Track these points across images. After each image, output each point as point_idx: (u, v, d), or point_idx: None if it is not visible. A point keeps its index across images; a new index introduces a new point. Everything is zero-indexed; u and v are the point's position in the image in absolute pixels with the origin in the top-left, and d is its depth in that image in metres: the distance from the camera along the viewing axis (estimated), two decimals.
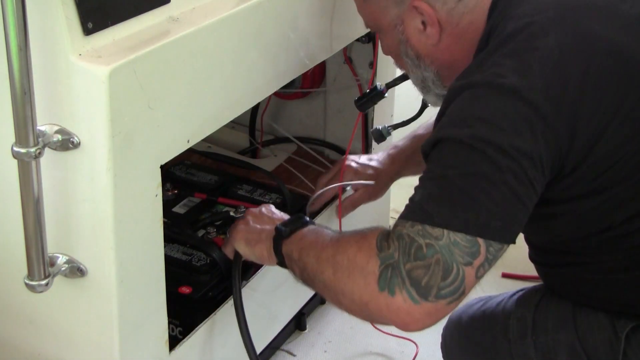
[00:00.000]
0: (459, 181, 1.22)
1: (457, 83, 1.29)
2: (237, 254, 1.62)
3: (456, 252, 1.21)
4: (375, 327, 2.05)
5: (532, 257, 1.53)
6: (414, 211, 1.25)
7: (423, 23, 1.40)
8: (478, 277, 1.25)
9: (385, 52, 1.56)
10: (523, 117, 1.22)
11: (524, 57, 1.25)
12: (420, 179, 1.27)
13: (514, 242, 1.26)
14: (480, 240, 1.22)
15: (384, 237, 1.27)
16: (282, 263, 1.48)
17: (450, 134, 1.24)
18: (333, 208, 1.94)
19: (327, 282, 1.33)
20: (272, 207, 1.62)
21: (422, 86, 1.51)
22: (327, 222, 1.92)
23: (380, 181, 1.90)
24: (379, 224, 2.31)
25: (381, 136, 1.86)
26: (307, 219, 1.48)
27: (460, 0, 1.37)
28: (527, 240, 1.52)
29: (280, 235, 1.46)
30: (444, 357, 1.65)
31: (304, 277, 1.41)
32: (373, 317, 1.30)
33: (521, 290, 1.56)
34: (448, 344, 1.63)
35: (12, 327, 1.45)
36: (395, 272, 1.23)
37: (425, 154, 1.29)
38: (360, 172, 1.89)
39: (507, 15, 1.32)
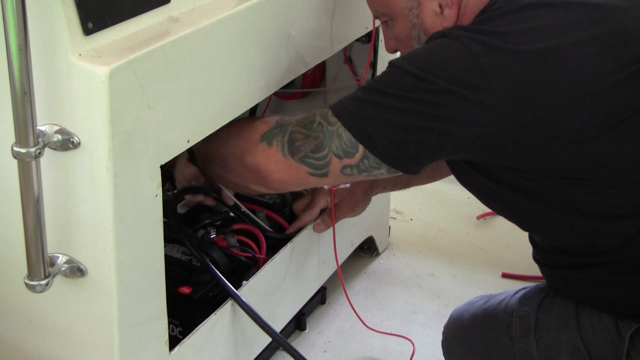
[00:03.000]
0: (376, 95, 1.33)
1: (435, 34, 1.38)
2: (180, 191, 1.77)
3: (335, 141, 1.37)
4: (371, 329, 2.05)
5: (536, 257, 1.53)
6: (338, 101, 1.40)
7: (440, 6, 1.43)
8: (342, 173, 1.39)
9: (390, 45, 1.57)
10: (466, 75, 1.27)
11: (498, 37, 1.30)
12: None
13: (393, 167, 1.36)
14: (360, 147, 1.35)
15: (283, 121, 1.46)
16: (192, 158, 1.66)
17: (399, 62, 1.34)
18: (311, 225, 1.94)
19: (219, 147, 1.52)
20: None
21: None
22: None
23: (355, 195, 1.91)
24: (379, 224, 2.33)
25: None
26: None
27: None
28: (531, 240, 1.52)
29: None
30: (444, 355, 1.65)
31: (205, 159, 1.58)
32: (246, 167, 1.46)
33: (523, 288, 1.56)
34: (449, 342, 1.63)
35: (12, 327, 1.45)
36: (282, 130, 1.43)
37: None
38: (334, 187, 1.90)
39: None
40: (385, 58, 2.03)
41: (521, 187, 1.36)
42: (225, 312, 1.63)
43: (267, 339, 1.83)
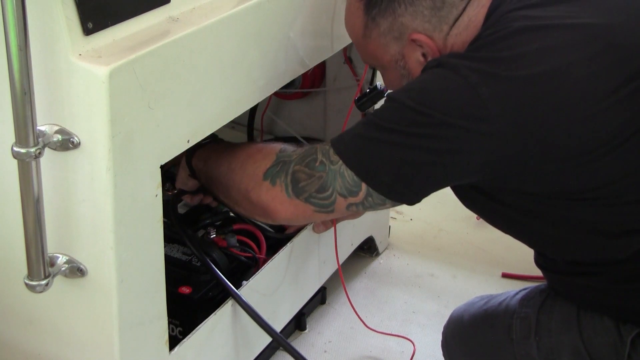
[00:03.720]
0: (377, 131, 1.32)
1: (430, 63, 1.37)
2: (178, 191, 1.76)
3: (339, 181, 1.36)
4: (371, 329, 2.05)
5: (538, 262, 1.53)
6: (339, 136, 1.40)
7: (423, 55, 1.43)
8: (348, 210, 1.39)
9: (388, 86, 1.59)
10: (465, 106, 1.26)
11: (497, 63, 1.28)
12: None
13: (398, 202, 1.36)
14: (364, 185, 1.34)
15: (292, 146, 1.46)
16: (193, 174, 1.65)
17: (398, 96, 1.33)
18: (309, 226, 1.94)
19: (221, 176, 1.51)
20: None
21: None
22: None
23: None
24: (379, 224, 2.33)
25: None
26: (220, 138, 1.66)
27: (454, 23, 1.39)
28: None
29: (192, 150, 1.57)
30: (444, 355, 1.65)
31: (207, 182, 1.58)
32: (252, 203, 1.45)
33: (524, 289, 1.56)
34: (449, 342, 1.63)
35: (12, 327, 1.45)
36: (284, 167, 1.41)
37: None
38: None
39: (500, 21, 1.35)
40: None
41: (527, 208, 1.36)
42: (225, 312, 1.63)
43: (267, 339, 1.83)
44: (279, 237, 1.86)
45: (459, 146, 1.27)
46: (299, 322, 2.06)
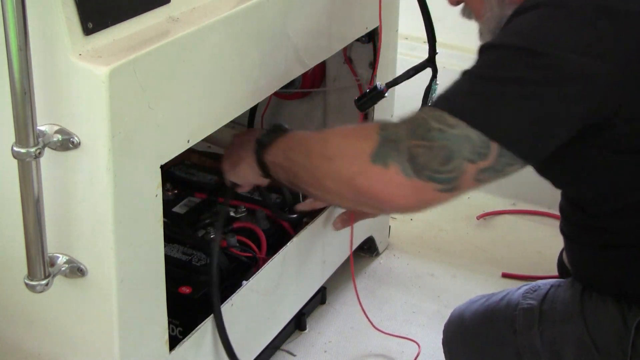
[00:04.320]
0: (493, 83, 1.19)
1: (526, 4, 1.25)
2: (232, 185, 1.61)
3: (466, 146, 1.18)
4: (379, 329, 2.05)
5: (562, 228, 1.48)
6: (438, 100, 1.23)
7: None
8: (476, 180, 1.22)
9: (475, 12, 1.44)
10: (584, 42, 1.17)
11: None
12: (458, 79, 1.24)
13: (529, 162, 1.22)
14: (494, 145, 1.18)
15: (391, 121, 1.27)
16: (266, 173, 1.46)
17: (502, 41, 1.22)
18: (328, 219, 1.93)
19: (312, 168, 1.30)
20: (255, 129, 1.59)
21: (494, 28, 1.40)
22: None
23: None
24: (379, 224, 2.32)
25: None
26: (287, 127, 1.46)
27: None
28: (561, 211, 1.48)
29: (262, 145, 1.43)
30: (445, 353, 1.64)
31: (290, 176, 1.37)
32: (359, 192, 1.25)
33: (526, 284, 1.56)
34: (450, 340, 1.63)
35: (12, 327, 1.45)
36: (395, 145, 1.21)
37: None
38: None
39: None
40: (385, 58, 2.03)
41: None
42: (226, 312, 1.63)
43: (267, 339, 1.83)
44: (291, 219, 1.81)
45: (582, 87, 1.18)
46: (299, 322, 2.06)
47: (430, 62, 1.67)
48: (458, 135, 1.18)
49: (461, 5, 1.45)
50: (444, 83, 1.69)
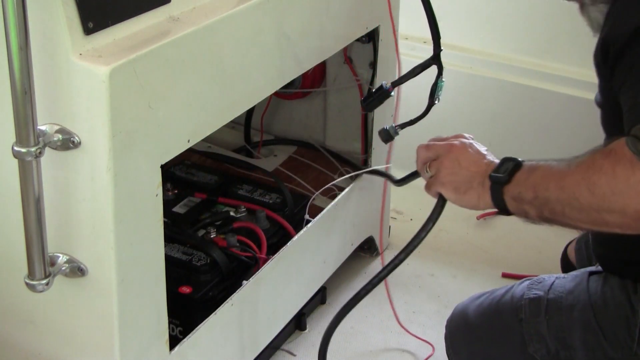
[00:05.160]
0: None
1: None
2: (441, 197, 1.48)
3: None
4: (404, 328, 2.05)
5: None
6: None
7: None
8: None
9: None
10: None
11: None
12: (627, 76, 1.23)
13: None
14: None
15: (636, 143, 1.21)
16: (504, 210, 1.38)
17: None
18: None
19: (586, 205, 1.25)
20: (474, 144, 1.45)
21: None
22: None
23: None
24: (379, 224, 2.32)
25: (389, 136, 1.82)
26: (517, 158, 1.37)
27: None
28: None
29: (500, 183, 1.35)
30: (448, 347, 1.64)
31: (546, 213, 1.32)
32: None
33: (528, 279, 1.56)
34: (453, 334, 1.63)
35: (12, 327, 1.45)
36: None
37: (621, 45, 1.25)
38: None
39: None
40: (385, 58, 2.03)
41: None
42: (226, 312, 1.63)
43: (267, 339, 1.83)
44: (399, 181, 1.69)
45: None
46: (299, 322, 2.06)
47: (435, 59, 1.66)
48: None
49: None
50: (447, 82, 1.70)
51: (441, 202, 1.48)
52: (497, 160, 1.38)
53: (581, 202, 1.26)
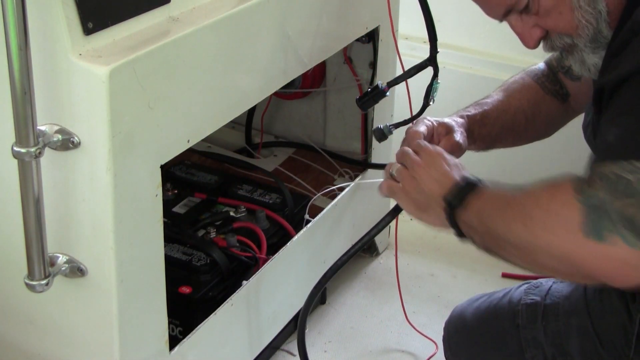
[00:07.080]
0: None
1: None
2: (397, 207, 1.48)
3: None
4: (412, 325, 2.05)
5: None
6: (611, 150, 1.13)
7: None
8: None
9: (535, 35, 1.33)
10: None
11: None
12: (608, 120, 1.16)
13: None
14: None
15: (581, 180, 1.14)
16: (459, 233, 1.34)
17: None
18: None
19: (517, 241, 1.20)
20: (441, 158, 1.39)
21: (594, 40, 1.30)
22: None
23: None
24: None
25: (383, 135, 1.83)
26: (474, 179, 1.32)
27: None
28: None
29: (452, 207, 1.32)
30: (446, 350, 1.64)
31: (486, 243, 1.28)
32: (578, 270, 1.16)
33: (526, 282, 1.56)
34: (452, 336, 1.63)
35: (12, 327, 1.45)
36: (602, 214, 1.10)
37: (610, 90, 1.19)
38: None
39: None
40: (385, 58, 2.04)
41: None
42: (225, 312, 1.63)
43: (267, 339, 1.83)
44: None
45: None
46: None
47: (431, 61, 1.66)
48: None
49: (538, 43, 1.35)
50: (444, 83, 1.70)
51: (395, 211, 1.50)
52: (459, 178, 1.33)
53: (514, 236, 1.21)
